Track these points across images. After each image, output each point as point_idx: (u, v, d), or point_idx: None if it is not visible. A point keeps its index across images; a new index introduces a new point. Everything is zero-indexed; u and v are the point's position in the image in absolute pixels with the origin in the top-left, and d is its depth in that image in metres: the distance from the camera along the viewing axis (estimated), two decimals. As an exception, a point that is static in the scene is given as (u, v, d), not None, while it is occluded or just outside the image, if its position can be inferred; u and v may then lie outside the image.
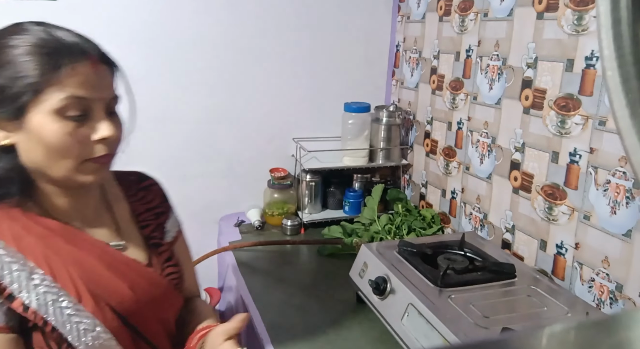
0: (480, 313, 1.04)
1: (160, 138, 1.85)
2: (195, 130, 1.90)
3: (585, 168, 1.21)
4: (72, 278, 0.78)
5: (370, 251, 1.33)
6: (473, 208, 1.64)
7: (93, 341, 0.78)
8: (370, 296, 1.24)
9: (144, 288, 0.87)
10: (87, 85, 0.74)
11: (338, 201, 2.02)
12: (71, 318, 0.76)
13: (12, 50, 0.72)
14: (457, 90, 1.70)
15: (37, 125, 0.72)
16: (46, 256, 0.78)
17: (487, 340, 0.54)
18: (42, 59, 0.71)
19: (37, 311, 0.75)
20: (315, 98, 2.04)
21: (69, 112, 0.73)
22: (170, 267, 0.96)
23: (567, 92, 1.26)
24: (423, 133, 1.93)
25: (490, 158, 1.55)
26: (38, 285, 0.75)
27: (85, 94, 0.74)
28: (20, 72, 0.71)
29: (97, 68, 0.76)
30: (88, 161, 0.77)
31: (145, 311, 0.86)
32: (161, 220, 0.99)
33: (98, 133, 0.76)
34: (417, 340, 1.06)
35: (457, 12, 1.68)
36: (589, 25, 1.19)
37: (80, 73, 0.73)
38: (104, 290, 0.81)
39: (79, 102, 0.73)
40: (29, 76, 0.70)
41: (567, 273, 1.29)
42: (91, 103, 0.75)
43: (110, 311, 0.81)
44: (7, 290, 0.74)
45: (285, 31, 1.94)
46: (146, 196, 0.99)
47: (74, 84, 0.72)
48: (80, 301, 0.78)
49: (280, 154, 2.03)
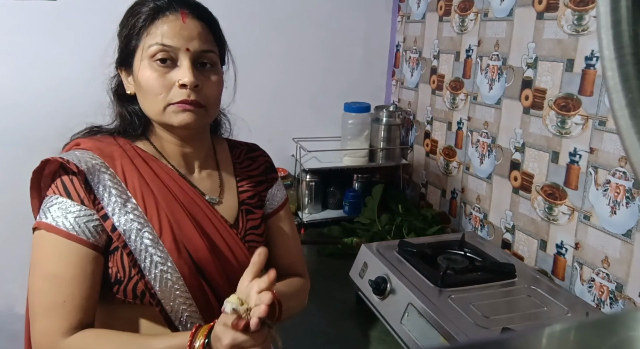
0: (480, 313, 1.04)
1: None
2: (195, 130, 1.90)
3: (585, 168, 1.21)
4: (159, 215, 0.86)
5: (370, 251, 1.33)
6: (473, 208, 1.64)
7: (162, 275, 0.83)
8: (370, 296, 1.24)
9: (221, 245, 0.91)
10: (174, 34, 0.83)
11: (338, 201, 2.02)
12: (148, 248, 0.84)
13: (131, 11, 0.87)
14: (457, 90, 1.70)
15: (138, 72, 0.85)
16: (143, 190, 0.87)
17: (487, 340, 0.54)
18: (147, 11, 0.84)
19: (122, 234, 0.83)
20: (315, 98, 2.04)
21: (158, 56, 0.83)
22: (254, 235, 0.99)
23: (567, 92, 1.26)
24: (423, 133, 1.93)
25: (490, 158, 1.55)
26: (129, 212, 0.84)
27: (171, 43, 0.83)
28: (134, 24, 0.85)
29: (185, 21, 0.85)
30: (172, 104, 0.85)
31: (216, 266, 0.89)
32: (260, 189, 1.03)
33: (180, 78, 0.84)
34: (417, 340, 1.06)
35: (457, 12, 1.68)
36: (589, 25, 1.19)
37: (169, 24, 0.84)
38: (184, 235, 0.87)
39: (165, 49, 0.83)
40: (136, 26, 0.85)
41: (567, 273, 1.29)
42: (177, 52, 0.84)
43: (187, 255, 0.86)
44: (104, 210, 0.83)
45: (285, 31, 1.94)
46: (251, 165, 1.05)
47: (162, 33, 0.83)
48: (160, 236, 0.85)
49: (280, 154, 2.02)
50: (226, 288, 0.89)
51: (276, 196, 1.07)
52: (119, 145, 0.90)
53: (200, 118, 0.88)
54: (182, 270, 0.85)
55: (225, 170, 1.01)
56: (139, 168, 0.88)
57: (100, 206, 0.83)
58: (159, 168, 0.91)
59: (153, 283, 0.83)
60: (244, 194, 1.00)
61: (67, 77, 1.66)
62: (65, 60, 1.68)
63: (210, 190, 0.96)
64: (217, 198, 0.96)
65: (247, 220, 0.99)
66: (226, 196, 0.98)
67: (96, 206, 0.83)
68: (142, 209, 0.85)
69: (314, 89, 2.04)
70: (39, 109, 1.68)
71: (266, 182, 1.05)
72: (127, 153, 0.89)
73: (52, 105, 1.68)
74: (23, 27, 1.63)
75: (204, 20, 0.88)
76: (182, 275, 0.85)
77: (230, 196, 0.99)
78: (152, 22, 0.84)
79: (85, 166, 0.83)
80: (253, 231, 0.99)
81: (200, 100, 0.86)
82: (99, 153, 0.87)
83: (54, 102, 1.68)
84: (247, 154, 1.07)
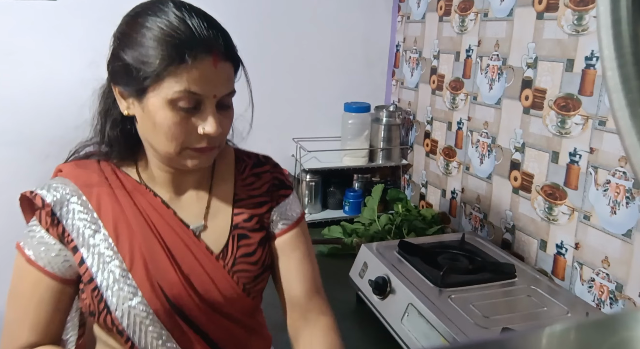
0: (480, 313, 1.04)
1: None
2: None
3: (585, 168, 1.21)
4: (132, 247, 0.81)
5: (370, 251, 1.33)
6: (473, 208, 1.64)
7: (130, 310, 0.80)
8: (370, 296, 1.24)
9: (202, 279, 0.84)
10: (204, 81, 0.75)
11: (338, 201, 2.02)
12: (116, 282, 0.80)
13: (146, 32, 0.74)
14: (457, 90, 1.70)
15: (152, 107, 0.76)
16: (118, 220, 0.82)
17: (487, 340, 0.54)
18: (167, 50, 0.73)
19: (89, 268, 0.80)
20: (315, 98, 2.05)
21: (181, 103, 0.75)
22: (245, 264, 0.89)
23: (567, 92, 1.26)
24: (423, 133, 1.93)
25: (490, 158, 1.55)
26: (97, 245, 0.80)
27: (200, 90, 0.75)
28: (146, 57, 0.73)
29: (217, 66, 0.76)
30: (189, 149, 0.79)
31: (195, 301, 0.84)
32: (260, 211, 0.92)
33: (204, 127, 0.77)
34: (417, 340, 1.06)
35: (457, 12, 1.68)
36: (589, 25, 1.19)
37: (199, 69, 0.74)
38: (158, 269, 0.82)
39: (192, 96, 0.75)
40: (153, 63, 0.73)
41: (567, 273, 1.29)
42: (204, 99, 0.77)
43: (159, 290, 0.81)
44: (73, 242, 0.80)
45: (285, 31, 1.94)
46: (254, 183, 0.94)
47: (191, 79, 0.74)
48: (130, 269, 0.80)
49: (280, 154, 2.02)
50: (209, 322, 0.86)
51: (287, 214, 0.95)
52: (101, 170, 0.85)
53: (213, 157, 0.84)
54: (154, 306, 0.81)
55: (223, 189, 0.92)
56: (118, 196, 0.83)
57: (70, 238, 0.81)
58: (140, 197, 0.85)
59: (121, 319, 0.80)
60: (240, 216, 0.91)
61: (67, 77, 1.66)
62: (65, 59, 1.68)
63: (198, 215, 0.89)
64: (204, 223, 0.88)
65: (238, 247, 0.89)
66: (216, 220, 0.89)
67: (66, 239, 0.81)
68: (113, 240, 0.81)
69: (314, 89, 2.04)
70: (39, 109, 1.68)
71: (270, 202, 0.94)
72: (107, 181, 0.84)
73: (52, 105, 1.68)
74: (23, 27, 1.63)
75: (233, 60, 0.80)
76: (155, 310, 0.81)
77: (221, 220, 0.90)
78: (179, 63, 0.73)
79: (53, 199, 0.81)
80: (245, 259, 0.89)
81: (217, 142, 0.82)
82: (76, 180, 0.83)
83: (54, 101, 1.68)
84: (253, 169, 0.96)
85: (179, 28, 0.74)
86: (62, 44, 1.68)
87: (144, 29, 0.75)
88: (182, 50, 0.73)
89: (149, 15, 0.76)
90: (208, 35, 0.75)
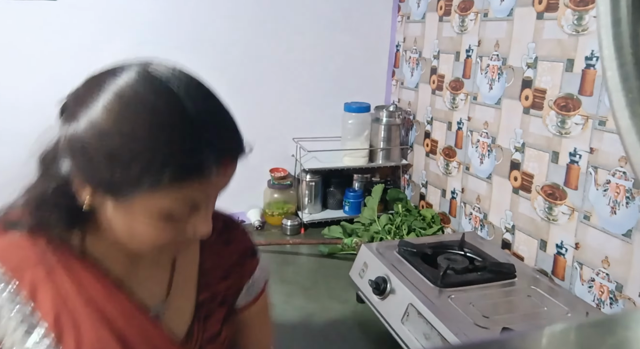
0: (480, 313, 1.04)
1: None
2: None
3: (585, 168, 1.21)
4: (79, 341, 0.66)
5: (370, 251, 1.33)
6: (473, 208, 1.64)
7: None
8: (370, 296, 1.24)
9: None
10: (209, 191, 0.61)
11: (338, 201, 2.02)
12: None
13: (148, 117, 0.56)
14: (457, 90, 1.70)
15: (134, 212, 0.60)
16: (60, 309, 0.66)
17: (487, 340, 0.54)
18: (172, 154, 0.55)
19: None
20: (315, 98, 2.05)
21: (175, 213, 0.60)
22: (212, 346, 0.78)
23: (567, 92, 1.26)
24: (423, 133, 1.93)
25: (490, 158, 1.55)
26: (37, 342, 0.64)
27: (201, 201, 0.61)
28: (143, 157, 0.55)
29: (227, 170, 0.61)
30: (169, 245, 0.65)
31: None
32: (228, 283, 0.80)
33: (195, 231, 0.63)
34: (417, 340, 1.06)
35: (457, 12, 1.68)
36: (589, 25, 1.19)
37: (208, 183, 0.59)
38: None
39: (190, 206, 0.60)
40: (151, 166, 0.55)
41: (567, 273, 1.29)
42: (202, 204, 0.62)
43: None
44: (1, 343, 0.65)
45: (285, 31, 1.94)
46: (221, 253, 0.80)
47: (195, 192, 0.59)
48: None
49: (280, 154, 2.03)
50: None
51: (254, 286, 0.83)
52: (36, 245, 0.66)
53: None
54: None
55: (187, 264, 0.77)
56: (57, 279, 0.66)
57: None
58: (88, 277, 0.67)
59: None
60: (205, 293, 0.77)
61: (67, 77, 1.66)
62: (65, 59, 1.68)
63: (158, 294, 0.73)
64: (165, 305, 0.73)
65: (204, 330, 0.77)
66: (180, 297, 0.75)
67: None
68: (54, 336, 0.64)
69: (314, 89, 2.04)
70: (39, 109, 1.68)
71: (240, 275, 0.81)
72: (45, 259, 0.66)
73: (52, 104, 1.68)
74: (23, 27, 1.63)
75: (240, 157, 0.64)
76: None
77: (185, 299, 0.76)
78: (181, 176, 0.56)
79: None
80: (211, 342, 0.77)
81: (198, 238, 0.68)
82: (3, 261, 0.65)
83: (54, 101, 1.68)
84: (222, 235, 0.80)
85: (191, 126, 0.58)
86: (62, 44, 1.67)
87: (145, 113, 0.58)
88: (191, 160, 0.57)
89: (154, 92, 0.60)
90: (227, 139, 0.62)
